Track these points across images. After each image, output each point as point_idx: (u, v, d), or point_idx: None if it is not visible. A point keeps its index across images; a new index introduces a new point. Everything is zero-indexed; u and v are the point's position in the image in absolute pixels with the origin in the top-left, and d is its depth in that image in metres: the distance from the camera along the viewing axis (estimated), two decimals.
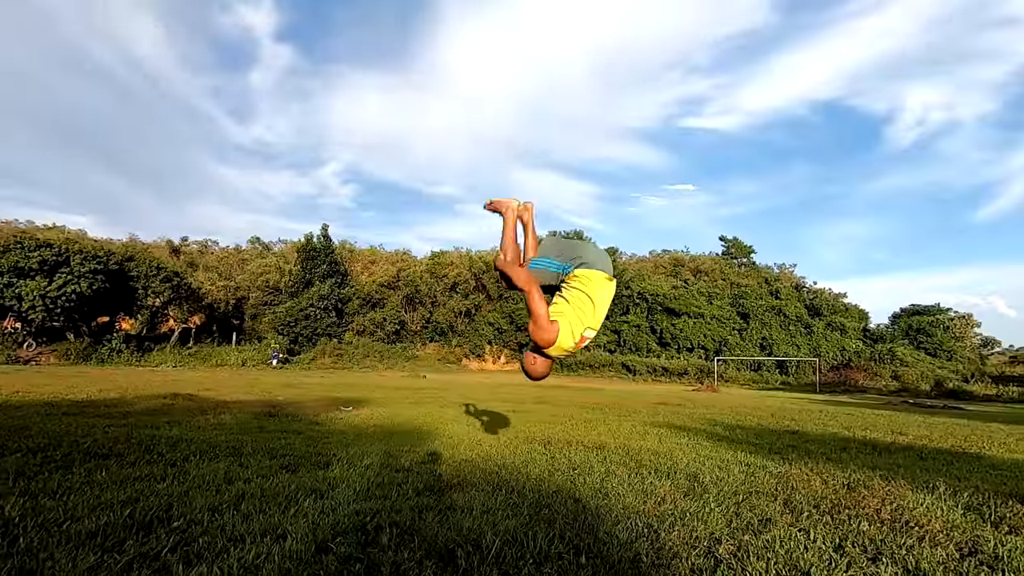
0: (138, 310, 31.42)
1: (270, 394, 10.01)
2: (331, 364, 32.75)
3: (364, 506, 2.51)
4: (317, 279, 37.36)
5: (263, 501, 2.54)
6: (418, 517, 2.37)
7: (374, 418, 6.53)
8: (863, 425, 8.15)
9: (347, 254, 46.33)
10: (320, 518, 2.30)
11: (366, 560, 1.86)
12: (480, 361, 38.94)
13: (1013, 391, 27.86)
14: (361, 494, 2.75)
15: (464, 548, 1.97)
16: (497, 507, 2.55)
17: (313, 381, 16.54)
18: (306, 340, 35.58)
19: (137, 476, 2.95)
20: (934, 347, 42.05)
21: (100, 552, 1.83)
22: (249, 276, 41.60)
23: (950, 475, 3.90)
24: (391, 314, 39.05)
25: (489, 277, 41.41)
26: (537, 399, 12.10)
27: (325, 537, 2.06)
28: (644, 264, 50.87)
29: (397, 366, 33.77)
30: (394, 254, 49.97)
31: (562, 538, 2.12)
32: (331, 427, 5.57)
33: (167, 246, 46.59)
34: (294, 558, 1.85)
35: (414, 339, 39.98)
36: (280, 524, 2.20)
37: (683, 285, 44.37)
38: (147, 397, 7.99)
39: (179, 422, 5.32)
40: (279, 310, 35.97)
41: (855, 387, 32.41)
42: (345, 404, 8.24)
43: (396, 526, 2.23)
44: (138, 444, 3.86)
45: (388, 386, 15.41)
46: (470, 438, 4.93)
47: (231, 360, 30.06)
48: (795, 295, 44.60)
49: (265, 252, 49.55)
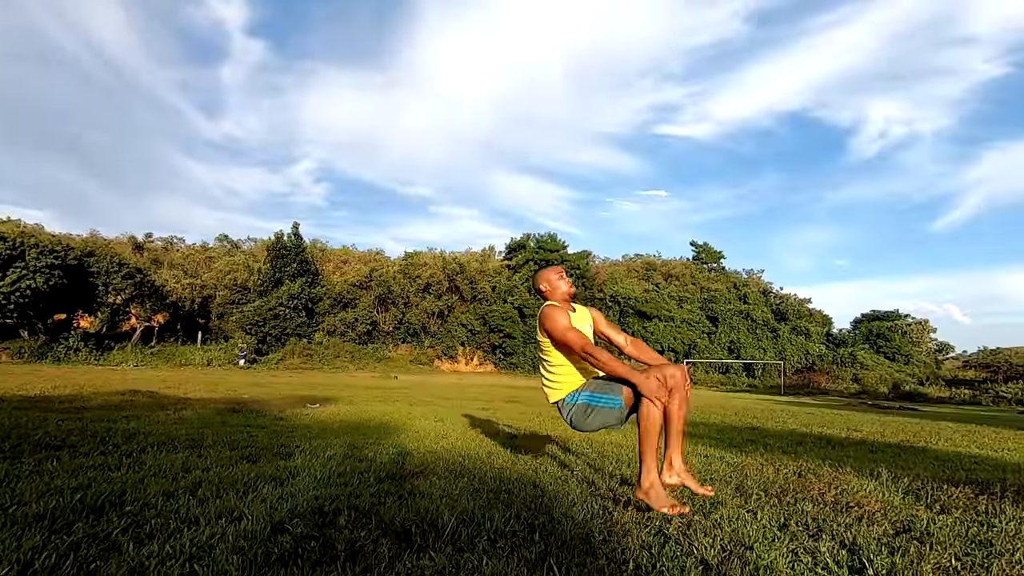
0: (98, 307, 30.34)
1: (235, 392, 9.81)
2: (300, 364, 32.20)
3: (324, 492, 2.51)
4: (287, 278, 36.69)
5: (221, 487, 2.52)
6: (378, 502, 2.38)
7: (341, 414, 6.48)
8: (821, 423, 8.43)
9: (318, 253, 45.64)
10: (279, 503, 2.30)
11: (322, 538, 1.87)
12: (453, 362, 38.79)
13: (964, 393, 29.17)
14: (322, 482, 2.75)
15: (420, 527, 2.00)
16: (458, 492, 2.58)
17: (281, 381, 16.26)
18: (275, 340, 34.89)
19: (90, 465, 2.88)
20: (892, 351, 43.65)
21: (47, 533, 1.80)
22: (216, 274, 40.60)
23: (896, 465, 4.08)
24: (363, 314, 38.60)
25: (462, 278, 41.34)
26: (508, 399, 12.16)
27: (282, 519, 2.06)
28: (617, 268, 51.45)
29: (368, 367, 33.41)
30: (367, 254, 49.46)
31: (518, 518, 2.17)
32: (296, 422, 5.51)
33: (130, 242, 45.13)
34: (249, 537, 1.85)
35: (386, 340, 39.60)
36: (237, 507, 2.19)
37: (655, 289, 45.07)
38: (105, 394, 7.75)
39: (137, 416, 5.19)
40: (247, 309, 35.19)
41: (818, 389, 33.40)
42: (312, 401, 8.15)
43: (355, 509, 2.24)
44: (92, 436, 3.77)
45: (358, 386, 15.25)
46: (436, 432, 4.94)
47: (196, 359, 29.28)
48: (762, 300, 45.75)
49: (233, 250, 48.41)
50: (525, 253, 44.05)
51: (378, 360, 35.99)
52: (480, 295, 41.12)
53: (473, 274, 42.16)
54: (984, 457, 4.93)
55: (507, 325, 39.06)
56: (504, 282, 41.69)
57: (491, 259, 47.24)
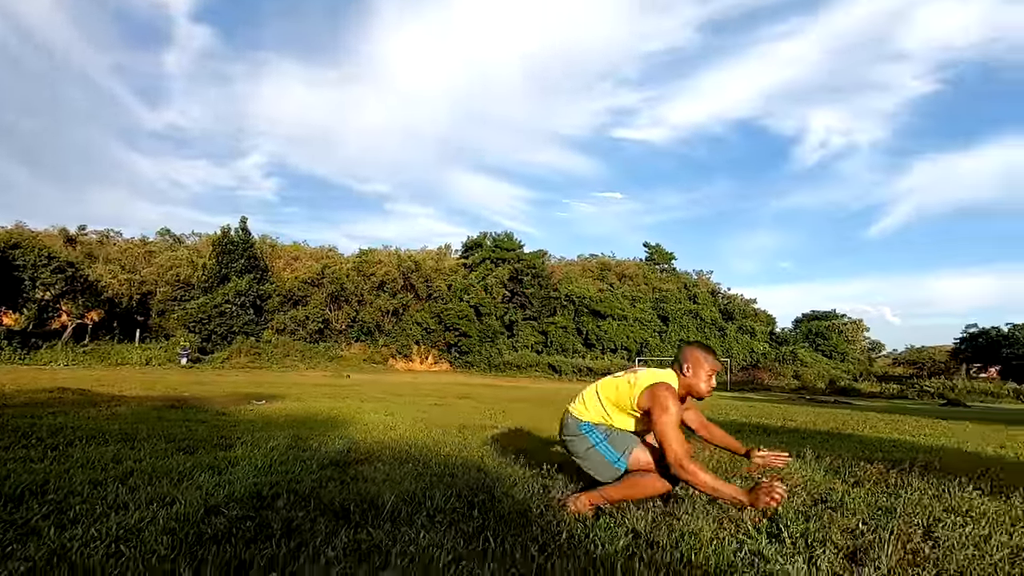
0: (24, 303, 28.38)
1: (175, 391, 9.41)
2: (248, 363, 31.09)
3: (264, 479, 2.47)
4: (234, 274, 35.33)
5: (154, 476, 2.45)
6: (319, 486, 2.37)
7: (287, 410, 6.33)
8: (760, 415, 8.84)
9: (268, 249, 44.16)
10: (215, 489, 2.25)
11: (258, 519, 1.85)
12: (407, 361, 38.36)
13: (894, 388, 31.19)
14: (262, 470, 2.70)
15: (360, 506, 2.01)
16: (401, 476, 2.60)
17: (226, 379, 15.67)
18: (221, 338, 33.57)
19: (11, 458, 2.73)
20: (830, 350, 46.08)
21: None
22: (157, 269, 38.63)
23: (822, 448, 4.34)
24: (314, 312, 37.63)
25: (418, 276, 40.92)
26: (462, 395, 12.14)
27: (217, 503, 2.03)
28: (572, 267, 52.11)
29: (320, 366, 32.60)
30: (319, 250, 48.19)
31: (459, 496, 2.20)
32: (239, 418, 5.35)
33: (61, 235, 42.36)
34: (181, 519, 1.81)
35: (339, 338, 38.75)
36: (170, 493, 2.13)
37: (609, 289, 45.91)
38: (29, 391, 7.30)
39: (66, 412, 4.92)
40: (190, 306, 33.69)
41: (761, 385, 34.92)
42: (258, 398, 7.92)
43: (294, 493, 2.22)
44: (13, 431, 3.56)
45: (308, 384, 14.88)
46: (385, 424, 4.92)
47: (134, 359, 27.81)
48: (711, 300, 47.37)
49: (176, 245, 46.18)
50: (482, 252, 44.01)
51: (330, 359, 35.18)
52: (436, 293, 40.81)
53: (429, 272, 41.80)
54: (902, 441, 5.30)
55: (463, 324, 38.93)
56: (460, 280, 41.53)
57: (447, 257, 46.96)
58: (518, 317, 40.90)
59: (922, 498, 2.56)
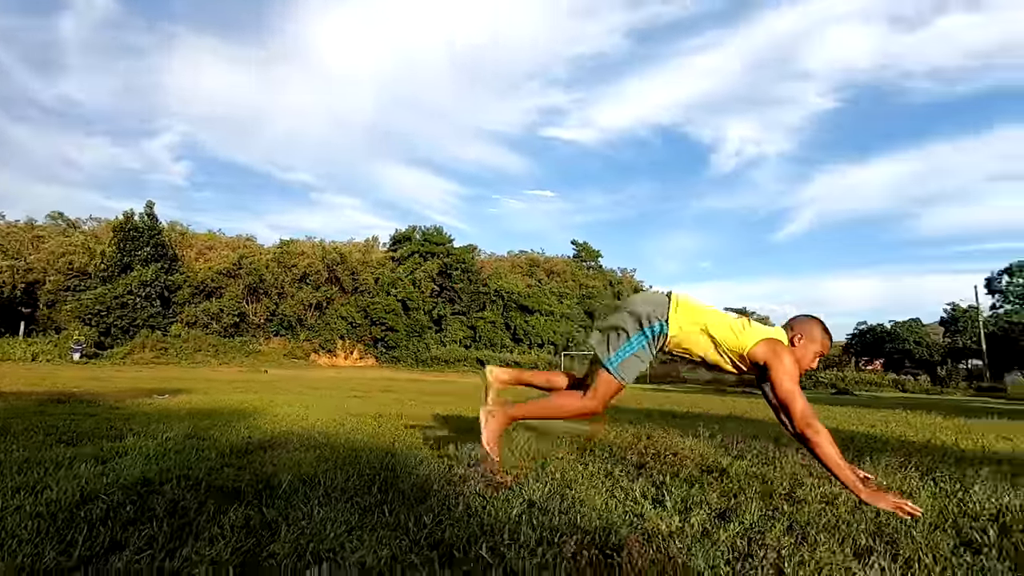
0: None
1: (65, 386, 8.61)
2: (153, 359, 28.95)
3: (154, 467, 2.35)
4: (138, 263, 32.70)
5: (25, 467, 2.26)
6: (215, 471, 2.29)
7: (191, 403, 5.98)
8: (671, 403, 9.37)
9: (178, 237, 41.17)
10: (97, 478, 2.12)
11: (140, 503, 1.77)
12: (331, 356, 37.18)
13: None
14: (153, 459, 2.56)
15: (254, 487, 1.97)
16: (304, 460, 2.56)
17: (125, 375, 14.51)
18: (122, 332, 31.01)
19: None
20: None
21: None
22: (46, 256, 35.01)
23: (718, 429, 4.69)
24: (229, 305, 35.60)
25: (343, 269, 39.70)
26: (384, 389, 11.97)
27: (96, 491, 1.91)
28: (502, 263, 52.47)
29: (235, 361, 30.93)
30: (235, 240, 45.52)
31: (360, 476, 2.21)
32: (135, 411, 5.00)
33: None
34: (52, 506, 1.70)
35: (256, 332, 36.90)
36: (41, 482, 1.99)
37: (537, 285, 46.65)
38: None
39: None
40: (86, 297, 30.84)
41: (679, 379, 36.84)
42: (160, 393, 7.42)
43: (185, 478, 2.14)
44: None
45: (220, 380, 14.07)
46: (297, 415, 4.78)
47: (17, 354, 25.14)
48: None
49: (70, 230, 41.97)
50: (411, 245, 43.34)
51: (246, 354, 33.47)
52: (362, 287, 39.81)
53: (355, 265, 40.67)
54: None
55: (390, 318, 38.24)
56: (388, 274, 40.72)
57: (375, 250, 45.83)
58: (447, 312, 40.68)
59: (793, 467, 2.84)
